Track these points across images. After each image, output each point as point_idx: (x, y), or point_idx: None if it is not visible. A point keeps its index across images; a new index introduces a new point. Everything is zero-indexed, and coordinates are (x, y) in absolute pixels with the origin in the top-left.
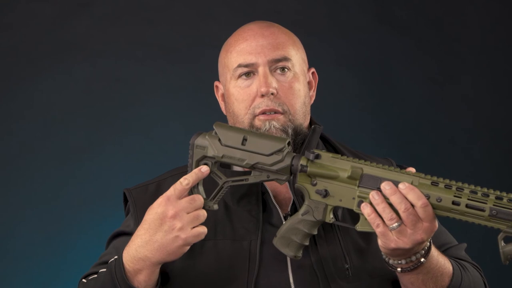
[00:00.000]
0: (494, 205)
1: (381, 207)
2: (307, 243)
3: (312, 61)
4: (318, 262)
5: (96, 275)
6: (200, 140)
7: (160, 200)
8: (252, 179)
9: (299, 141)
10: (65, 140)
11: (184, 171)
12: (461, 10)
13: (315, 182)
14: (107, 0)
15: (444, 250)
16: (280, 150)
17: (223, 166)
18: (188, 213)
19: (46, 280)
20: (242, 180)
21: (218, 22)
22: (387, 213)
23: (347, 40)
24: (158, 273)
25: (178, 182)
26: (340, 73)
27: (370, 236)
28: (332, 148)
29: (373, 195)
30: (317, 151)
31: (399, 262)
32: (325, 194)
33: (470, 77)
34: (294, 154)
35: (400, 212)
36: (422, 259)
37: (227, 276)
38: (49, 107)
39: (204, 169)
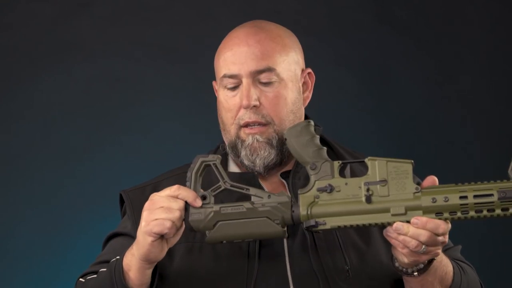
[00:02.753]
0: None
1: (401, 239)
2: None
3: (311, 61)
4: (318, 264)
5: (95, 275)
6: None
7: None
8: (253, 191)
9: (286, 150)
10: (65, 140)
11: (181, 173)
12: (461, 10)
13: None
14: (107, 0)
15: None
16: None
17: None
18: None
19: (46, 280)
20: (242, 188)
21: (218, 22)
22: (410, 243)
23: (347, 40)
24: (149, 276)
25: (172, 187)
26: (339, 73)
27: (369, 237)
28: (330, 149)
29: (388, 231)
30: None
31: (417, 267)
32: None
33: (470, 77)
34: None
35: (422, 241)
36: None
37: (225, 278)
38: (49, 107)
39: (198, 202)
